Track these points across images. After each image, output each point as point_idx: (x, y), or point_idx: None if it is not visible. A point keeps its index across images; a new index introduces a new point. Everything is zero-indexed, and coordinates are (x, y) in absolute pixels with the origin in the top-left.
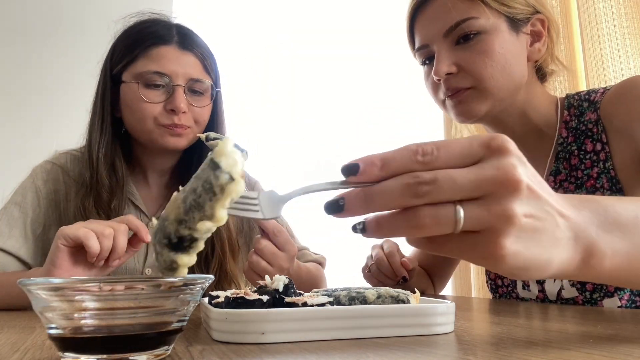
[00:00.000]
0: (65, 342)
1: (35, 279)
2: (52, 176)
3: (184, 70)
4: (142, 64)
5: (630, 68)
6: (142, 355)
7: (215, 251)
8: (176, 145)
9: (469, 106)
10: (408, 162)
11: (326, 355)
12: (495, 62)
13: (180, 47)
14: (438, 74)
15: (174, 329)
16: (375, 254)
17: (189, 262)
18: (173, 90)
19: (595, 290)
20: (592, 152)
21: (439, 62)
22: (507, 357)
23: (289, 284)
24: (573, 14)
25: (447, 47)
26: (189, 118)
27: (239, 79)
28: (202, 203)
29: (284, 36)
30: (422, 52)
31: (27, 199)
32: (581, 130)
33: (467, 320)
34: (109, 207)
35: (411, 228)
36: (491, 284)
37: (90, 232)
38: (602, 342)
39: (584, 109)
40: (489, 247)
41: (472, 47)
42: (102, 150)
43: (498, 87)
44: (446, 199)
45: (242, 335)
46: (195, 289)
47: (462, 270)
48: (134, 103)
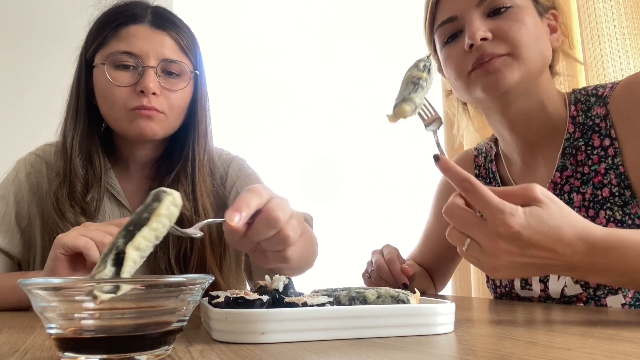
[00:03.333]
0: (65, 342)
1: (35, 279)
2: (35, 169)
3: (155, 50)
4: (112, 45)
5: (630, 68)
6: (142, 355)
7: (195, 247)
8: (151, 132)
9: (502, 74)
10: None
11: (326, 355)
12: (530, 32)
13: (153, 26)
14: (473, 38)
15: (174, 329)
16: (375, 260)
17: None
18: (143, 71)
19: (599, 287)
20: (599, 147)
21: (473, 27)
22: (507, 357)
23: (289, 284)
24: (573, 14)
25: (480, 16)
26: (161, 102)
27: (237, 75)
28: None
29: (283, 35)
30: (446, 27)
31: (10, 193)
32: (588, 126)
33: (467, 320)
34: (84, 200)
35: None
36: (491, 284)
37: (90, 242)
38: (602, 342)
39: (592, 104)
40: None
41: (506, 16)
42: (77, 139)
43: (531, 58)
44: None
45: (242, 335)
46: (195, 289)
47: (462, 270)
48: (103, 87)
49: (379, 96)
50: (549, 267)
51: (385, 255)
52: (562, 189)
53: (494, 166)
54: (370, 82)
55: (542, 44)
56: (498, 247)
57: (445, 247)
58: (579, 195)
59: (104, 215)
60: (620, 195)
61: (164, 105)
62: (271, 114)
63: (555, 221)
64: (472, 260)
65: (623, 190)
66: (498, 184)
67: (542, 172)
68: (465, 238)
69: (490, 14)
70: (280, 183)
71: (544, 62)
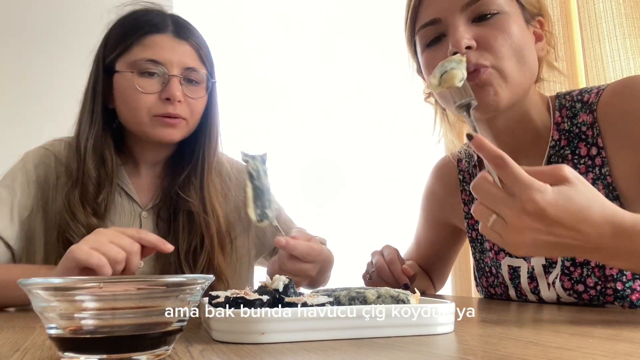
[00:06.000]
0: (65, 342)
1: (35, 279)
2: (43, 161)
3: (179, 58)
4: (136, 52)
5: (630, 68)
6: (142, 355)
7: (205, 246)
8: (170, 138)
9: (493, 89)
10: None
11: (326, 355)
12: (515, 43)
13: (176, 36)
14: (458, 46)
15: (174, 329)
16: (376, 261)
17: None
18: (168, 79)
19: (592, 299)
20: (586, 156)
21: (457, 34)
22: (507, 357)
23: (289, 284)
24: (573, 14)
25: (464, 21)
26: (184, 109)
27: (237, 75)
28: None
29: (283, 35)
30: (428, 30)
31: (16, 182)
32: (574, 133)
33: (467, 320)
34: (95, 201)
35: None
36: (484, 292)
37: (103, 259)
38: (602, 342)
39: (577, 111)
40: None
41: (491, 24)
42: (91, 141)
43: (515, 71)
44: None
45: (242, 335)
46: (196, 289)
47: (462, 270)
48: (127, 93)
49: (379, 96)
50: (571, 248)
51: (386, 256)
52: None
53: (477, 171)
54: (370, 82)
55: (527, 55)
56: (523, 224)
57: (438, 251)
58: None
59: (114, 208)
60: None
61: (186, 112)
62: (271, 114)
63: (583, 201)
64: (493, 236)
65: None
66: None
67: None
68: (491, 214)
69: (476, 20)
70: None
71: (531, 75)
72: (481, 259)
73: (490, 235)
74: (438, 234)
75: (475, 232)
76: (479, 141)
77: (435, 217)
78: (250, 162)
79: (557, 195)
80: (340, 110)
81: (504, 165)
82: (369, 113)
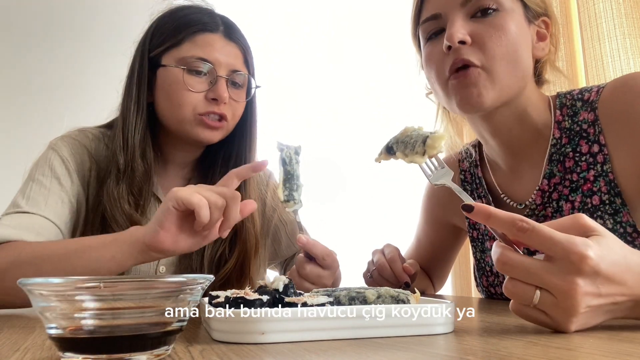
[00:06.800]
0: (65, 342)
1: (35, 279)
2: (76, 150)
3: (227, 60)
4: (187, 49)
5: (630, 68)
6: (142, 355)
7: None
8: (210, 139)
9: (477, 90)
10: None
11: (326, 355)
12: (510, 43)
13: (226, 37)
14: (451, 39)
15: (174, 329)
16: (377, 259)
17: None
18: (216, 79)
19: None
20: (587, 154)
21: (452, 28)
22: (507, 357)
23: (289, 284)
24: (573, 14)
25: (463, 17)
26: (227, 110)
27: None
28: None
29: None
30: (430, 24)
31: (57, 171)
32: (575, 131)
33: (467, 320)
34: (140, 196)
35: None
36: (485, 292)
37: (204, 200)
38: (602, 342)
39: (578, 109)
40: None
41: (489, 21)
42: (138, 136)
43: (505, 72)
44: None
45: (242, 335)
46: (196, 289)
47: (462, 270)
48: (173, 88)
49: (386, 96)
50: (620, 307)
51: (387, 255)
52: (550, 197)
53: (479, 171)
54: (377, 83)
55: (521, 55)
56: (577, 290)
57: (438, 250)
58: (567, 204)
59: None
60: (611, 203)
61: (229, 113)
62: (278, 114)
63: (620, 249)
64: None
65: (613, 198)
66: (484, 189)
67: (528, 178)
68: (532, 289)
69: (477, 15)
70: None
71: (522, 76)
72: (482, 258)
73: (530, 316)
74: (438, 234)
75: (477, 231)
76: (484, 211)
77: (435, 217)
78: (285, 150)
79: (600, 247)
80: (348, 111)
81: (530, 228)
82: (376, 113)
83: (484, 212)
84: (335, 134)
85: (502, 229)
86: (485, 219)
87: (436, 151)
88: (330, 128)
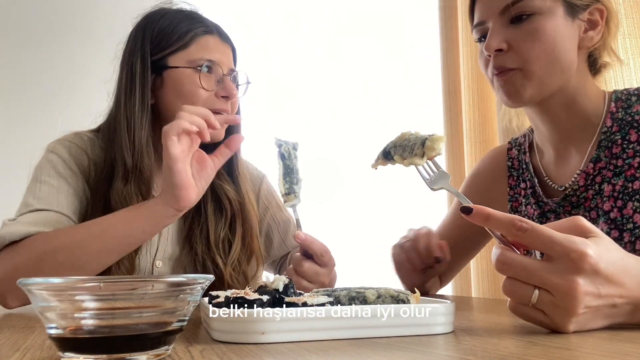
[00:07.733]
0: (65, 342)
1: (35, 279)
2: (74, 150)
3: (226, 60)
4: (195, 51)
5: (630, 68)
6: (142, 355)
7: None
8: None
9: (515, 88)
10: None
11: (326, 355)
12: (545, 45)
13: (222, 39)
14: (488, 49)
15: (174, 329)
16: (414, 232)
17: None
18: (223, 78)
19: None
20: (635, 142)
21: (490, 38)
22: (507, 357)
23: (289, 284)
24: None
25: (502, 24)
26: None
27: None
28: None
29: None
30: (478, 29)
31: (60, 171)
32: (627, 121)
33: (467, 320)
34: (148, 195)
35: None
36: None
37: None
38: (602, 342)
39: (632, 102)
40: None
41: (524, 27)
42: (145, 136)
43: (543, 71)
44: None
45: (242, 335)
46: (196, 289)
47: (462, 270)
48: (186, 88)
49: (385, 96)
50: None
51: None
52: (593, 179)
53: (527, 157)
54: (377, 82)
55: (560, 52)
56: (577, 289)
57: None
58: (609, 186)
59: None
60: None
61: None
62: (277, 113)
63: (616, 251)
64: (534, 315)
65: None
66: (530, 173)
67: (573, 162)
68: (531, 289)
69: (514, 20)
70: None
71: (562, 71)
72: None
73: (528, 315)
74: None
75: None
76: (483, 212)
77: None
78: (283, 145)
79: (598, 247)
80: (347, 110)
81: (529, 228)
82: (375, 113)
83: (482, 214)
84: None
85: (501, 230)
86: (483, 220)
87: (435, 152)
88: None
